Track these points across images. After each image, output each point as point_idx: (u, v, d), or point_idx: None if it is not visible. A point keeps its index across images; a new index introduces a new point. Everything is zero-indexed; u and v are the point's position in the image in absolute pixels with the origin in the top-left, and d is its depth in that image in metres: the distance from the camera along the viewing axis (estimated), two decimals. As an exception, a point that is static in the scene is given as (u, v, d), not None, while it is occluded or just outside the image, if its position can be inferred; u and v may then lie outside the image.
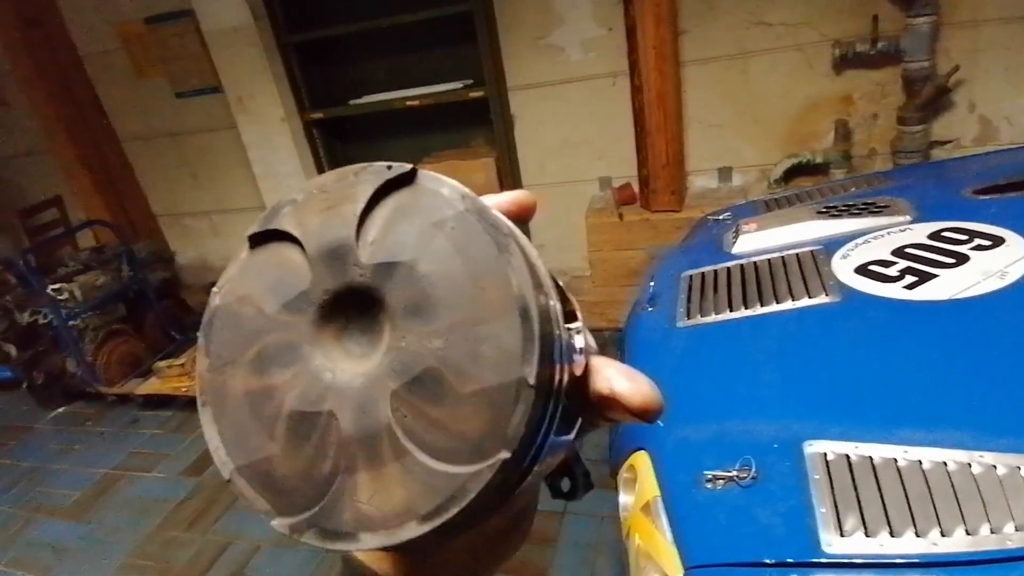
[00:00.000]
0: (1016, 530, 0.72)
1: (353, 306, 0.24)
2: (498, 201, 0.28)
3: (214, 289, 0.27)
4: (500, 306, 0.23)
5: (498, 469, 0.22)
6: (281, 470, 0.24)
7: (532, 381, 0.22)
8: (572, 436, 0.28)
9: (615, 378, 0.26)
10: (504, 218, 0.25)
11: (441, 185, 0.25)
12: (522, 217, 0.28)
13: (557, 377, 0.24)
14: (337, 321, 0.25)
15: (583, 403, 0.27)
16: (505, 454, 0.22)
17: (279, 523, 0.24)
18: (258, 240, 0.26)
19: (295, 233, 0.25)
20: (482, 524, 0.25)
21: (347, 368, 0.24)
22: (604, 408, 0.27)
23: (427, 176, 0.25)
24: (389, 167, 0.25)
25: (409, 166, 0.25)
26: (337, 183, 0.26)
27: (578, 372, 0.26)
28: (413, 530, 0.22)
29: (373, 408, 0.23)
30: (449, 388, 0.22)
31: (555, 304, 0.25)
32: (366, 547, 0.23)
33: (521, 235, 0.25)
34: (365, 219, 0.24)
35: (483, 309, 0.23)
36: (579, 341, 0.26)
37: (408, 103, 3.15)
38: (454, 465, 0.22)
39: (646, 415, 0.26)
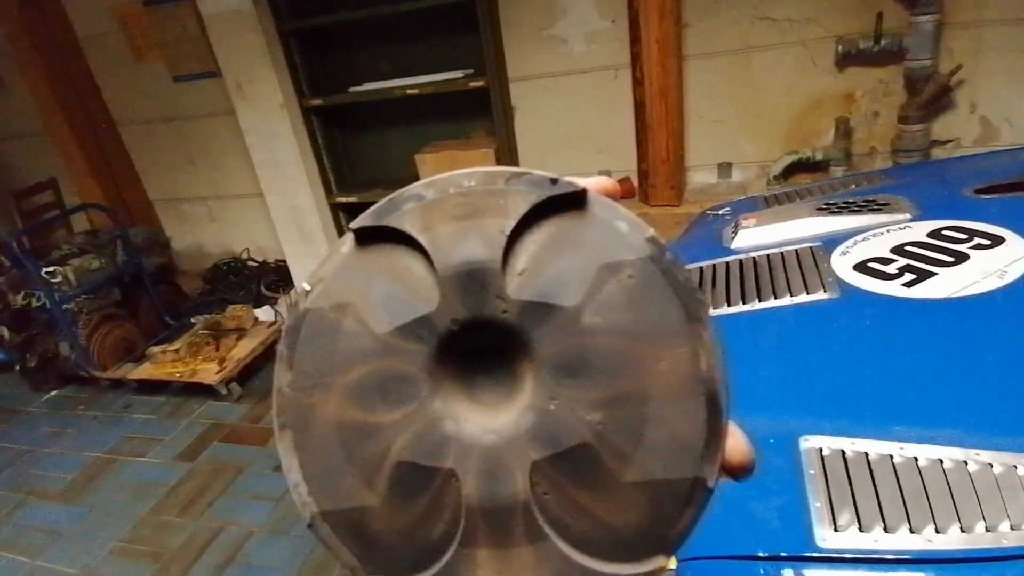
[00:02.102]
0: (1012, 529, 0.72)
1: (486, 345, 0.20)
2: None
3: (304, 285, 0.22)
4: (680, 386, 0.19)
5: None
6: (378, 525, 0.20)
7: (711, 484, 0.19)
8: None
9: None
10: (693, 278, 0.20)
11: (618, 217, 0.20)
12: None
13: None
14: (462, 359, 0.20)
15: None
16: (663, 560, 0.19)
17: None
18: (368, 236, 0.21)
19: (420, 239, 0.20)
20: None
21: (473, 419, 0.20)
22: None
23: (600, 203, 0.21)
24: (554, 181, 0.21)
25: (580, 183, 0.21)
26: (482, 186, 0.21)
27: None
28: None
29: (506, 476, 0.19)
30: (604, 472, 0.19)
31: None
32: None
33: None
34: (515, 241, 0.20)
35: (658, 385, 0.19)
36: None
37: (408, 92, 3.13)
38: (599, 561, 0.19)
39: (739, 474, 0.24)
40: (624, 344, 0.19)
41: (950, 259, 1.24)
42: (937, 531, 0.75)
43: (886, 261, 1.30)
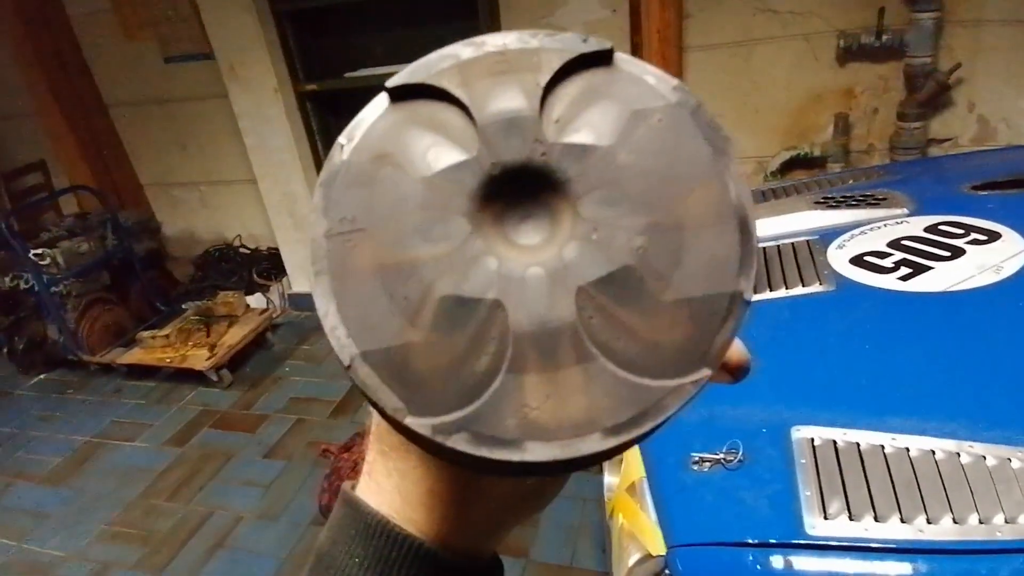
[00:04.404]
0: (1006, 522, 0.72)
1: (525, 188, 0.21)
2: None
3: (340, 140, 0.22)
4: (714, 213, 0.20)
5: (701, 387, 0.20)
6: (422, 362, 0.20)
7: (748, 296, 0.20)
8: None
9: None
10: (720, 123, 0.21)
11: (646, 72, 0.22)
12: None
13: None
14: (502, 202, 0.21)
15: None
16: (707, 371, 0.20)
17: (416, 422, 0.20)
18: (402, 95, 0.22)
19: (458, 94, 0.21)
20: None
21: (515, 257, 0.20)
22: None
23: (627, 60, 0.22)
24: (585, 40, 0.22)
25: (608, 44, 0.22)
26: (516, 45, 0.22)
27: None
28: (595, 444, 0.19)
29: (553, 302, 0.20)
30: (647, 293, 0.20)
31: None
32: (532, 458, 0.20)
33: None
34: (550, 93, 0.21)
35: (693, 214, 0.20)
36: None
37: (405, 78, 3.09)
38: (647, 379, 0.20)
39: (737, 373, 0.25)
40: (658, 178, 0.20)
41: (946, 254, 1.24)
42: (929, 521, 0.75)
43: (882, 255, 1.30)
